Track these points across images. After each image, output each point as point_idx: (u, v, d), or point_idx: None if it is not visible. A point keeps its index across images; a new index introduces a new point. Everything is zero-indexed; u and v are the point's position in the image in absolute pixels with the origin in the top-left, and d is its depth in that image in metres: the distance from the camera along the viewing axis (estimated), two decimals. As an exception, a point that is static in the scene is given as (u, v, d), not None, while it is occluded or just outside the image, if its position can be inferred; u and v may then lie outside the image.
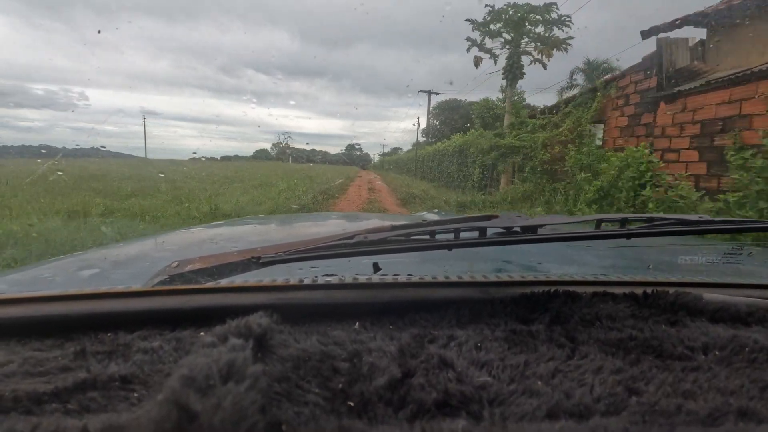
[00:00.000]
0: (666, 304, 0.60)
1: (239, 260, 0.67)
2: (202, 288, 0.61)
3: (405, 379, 0.42)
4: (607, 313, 0.58)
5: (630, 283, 0.70)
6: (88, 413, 0.38)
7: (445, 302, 0.61)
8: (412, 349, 0.48)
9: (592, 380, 0.43)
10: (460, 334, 0.52)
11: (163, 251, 1.34)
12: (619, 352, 0.50)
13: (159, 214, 7.28)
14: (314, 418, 0.36)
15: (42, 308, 0.54)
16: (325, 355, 0.46)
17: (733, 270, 1.08)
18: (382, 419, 0.37)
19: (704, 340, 0.51)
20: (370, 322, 0.56)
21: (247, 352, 0.36)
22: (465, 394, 0.40)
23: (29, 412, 0.37)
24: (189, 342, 0.50)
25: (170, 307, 0.56)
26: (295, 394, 0.39)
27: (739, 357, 0.48)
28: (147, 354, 0.47)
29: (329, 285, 0.64)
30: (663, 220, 0.71)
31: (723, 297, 0.63)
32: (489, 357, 0.47)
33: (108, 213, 7.30)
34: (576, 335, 0.53)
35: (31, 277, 1.07)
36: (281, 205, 9.90)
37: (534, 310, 0.59)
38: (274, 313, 0.50)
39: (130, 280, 0.88)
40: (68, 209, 7.31)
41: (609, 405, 0.39)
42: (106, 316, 0.54)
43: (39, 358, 0.46)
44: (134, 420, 0.32)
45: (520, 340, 0.52)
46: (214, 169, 25.84)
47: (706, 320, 0.58)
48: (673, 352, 0.49)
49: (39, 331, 0.52)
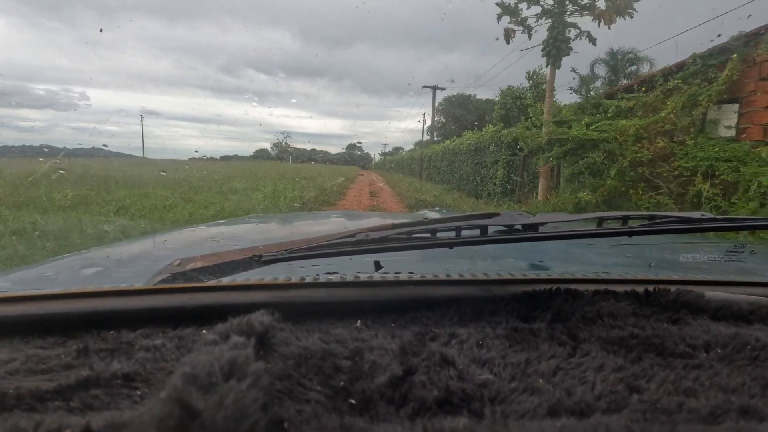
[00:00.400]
0: (667, 302, 0.60)
1: (241, 258, 0.67)
2: (204, 286, 0.61)
3: (406, 377, 0.42)
4: (609, 311, 0.58)
5: (631, 281, 0.70)
6: (90, 411, 0.38)
7: (447, 300, 0.61)
8: (414, 347, 0.48)
9: (593, 378, 0.43)
10: (462, 332, 0.52)
11: (165, 250, 1.34)
12: (620, 350, 0.50)
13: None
14: (316, 415, 0.36)
15: (45, 306, 0.54)
16: (327, 353, 0.46)
17: (735, 268, 1.08)
18: (384, 417, 0.37)
19: (706, 338, 0.51)
20: (372, 320, 0.57)
21: (248, 350, 0.36)
22: (466, 391, 0.40)
23: (32, 409, 0.38)
24: (191, 340, 0.50)
25: (172, 305, 0.56)
26: (296, 392, 0.39)
27: (740, 355, 0.48)
28: (149, 352, 0.47)
29: (331, 283, 0.64)
30: (664, 218, 0.71)
31: (725, 295, 0.63)
32: (490, 355, 0.47)
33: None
34: (577, 333, 0.53)
35: (34, 275, 1.08)
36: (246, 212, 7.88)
37: (535, 308, 0.59)
38: (275, 311, 0.51)
39: (132, 278, 0.88)
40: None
41: (610, 403, 0.39)
42: (108, 314, 0.54)
43: (42, 356, 0.46)
44: (137, 417, 0.32)
45: (521, 338, 0.52)
46: (202, 170, 21.73)
47: (707, 318, 0.58)
48: (675, 350, 0.49)
49: (42, 329, 0.52)
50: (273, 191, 12.35)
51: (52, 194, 8.51)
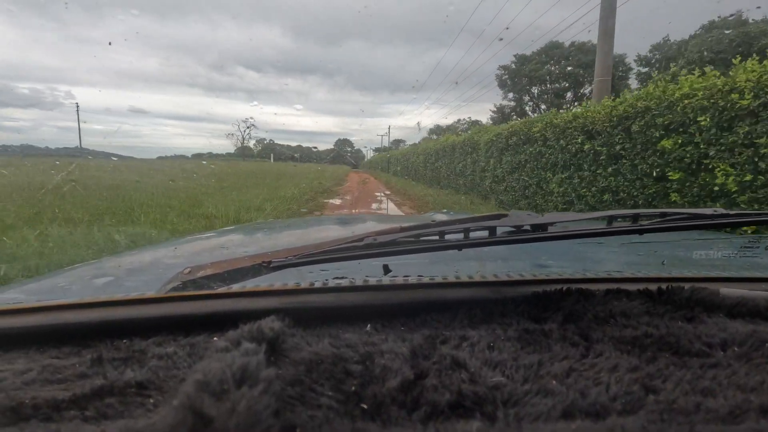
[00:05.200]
0: (681, 299, 0.59)
1: (250, 265, 0.67)
2: (215, 293, 0.62)
3: (418, 381, 0.42)
4: (621, 311, 0.57)
5: (644, 279, 0.69)
6: (105, 419, 0.38)
7: (457, 303, 0.60)
8: (425, 351, 0.48)
9: (607, 379, 0.43)
10: (473, 334, 0.52)
11: (174, 258, 1.35)
12: (634, 349, 0.49)
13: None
14: (328, 421, 0.36)
15: (59, 316, 0.55)
16: (338, 357, 0.46)
17: (750, 263, 1.06)
18: (396, 421, 0.37)
19: (722, 336, 0.50)
20: (382, 324, 0.56)
21: (260, 356, 0.36)
22: (478, 394, 0.39)
23: (49, 419, 0.38)
24: (203, 347, 0.50)
25: (184, 313, 0.56)
26: (308, 398, 0.39)
27: (759, 353, 0.47)
28: (162, 360, 0.48)
29: (340, 288, 0.64)
30: (676, 215, 0.70)
31: (740, 291, 0.62)
32: (502, 357, 0.47)
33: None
34: (590, 333, 0.52)
35: (48, 286, 1.09)
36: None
37: (546, 308, 0.58)
38: (286, 317, 0.51)
39: (143, 287, 0.89)
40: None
41: (626, 404, 0.39)
42: (121, 323, 0.55)
43: (57, 366, 0.47)
44: (150, 425, 0.32)
45: (533, 340, 0.51)
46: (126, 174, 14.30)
47: (723, 315, 0.57)
48: (691, 348, 0.48)
49: (56, 338, 0.53)
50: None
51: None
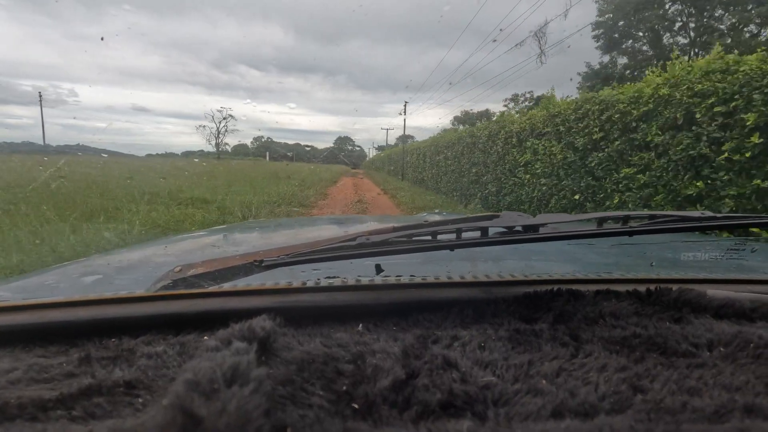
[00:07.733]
0: (669, 300, 0.60)
1: (242, 264, 0.67)
2: (205, 292, 0.61)
3: (409, 380, 0.42)
4: (611, 311, 0.58)
5: (633, 280, 0.70)
6: (93, 419, 0.38)
7: (448, 302, 0.60)
8: (416, 350, 0.48)
9: (596, 378, 0.43)
10: (464, 334, 0.52)
11: (165, 256, 1.34)
12: (623, 349, 0.50)
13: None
14: (319, 420, 0.36)
15: (46, 315, 0.54)
16: (329, 357, 0.46)
17: (736, 266, 1.08)
18: (387, 421, 0.37)
19: (709, 337, 0.51)
20: (374, 323, 0.56)
21: (251, 355, 0.36)
22: (469, 394, 0.40)
23: (34, 418, 0.38)
24: (193, 346, 0.50)
25: (174, 312, 0.56)
26: (299, 397, 0.39)
27: (744, 353, 0.48)
28: (151, 359, 0.47)
29: (332, 287, 0.64)
30: (665, 217, 0.71)
31: (727, 293, 0.63)
32: (493, 357, 0.47)
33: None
34: (580, 334, 0.53)
35: (35, 284, 1.08)
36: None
37: (537, 309, 0.59)
38: (277, 316, 0.51)
39: (133, 285, 0.88)
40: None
41: (614, 403, 0.39)
42: (110, 321, 0.54)
43: (44, 365, 0.46)
44: (139, 425, 0.32)
45: (523, 340, 0.51)
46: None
47: (710, 316, 0.58)
48: (678, 349, 0.49)
49: (43, 337, 0.52)
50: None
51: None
